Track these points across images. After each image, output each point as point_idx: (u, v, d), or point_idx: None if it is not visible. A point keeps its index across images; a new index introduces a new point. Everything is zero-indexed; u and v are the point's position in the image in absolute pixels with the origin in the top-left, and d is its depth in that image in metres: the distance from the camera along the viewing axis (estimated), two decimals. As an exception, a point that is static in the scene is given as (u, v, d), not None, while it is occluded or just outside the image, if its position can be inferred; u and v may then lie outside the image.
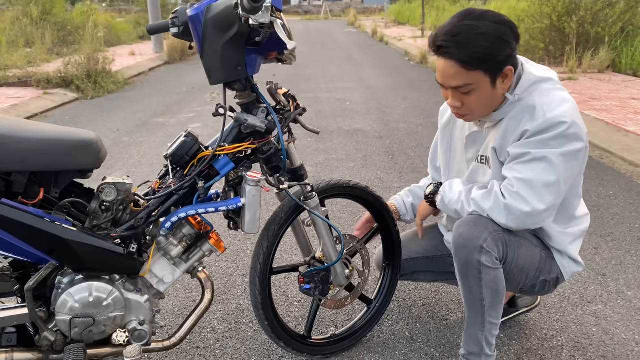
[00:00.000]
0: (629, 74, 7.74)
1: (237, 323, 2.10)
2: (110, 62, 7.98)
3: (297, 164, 1.67)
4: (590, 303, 2.22)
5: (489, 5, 14.92)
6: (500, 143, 1.56)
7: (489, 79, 1.46)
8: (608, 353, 1.91)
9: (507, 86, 1.51)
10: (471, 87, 1.47)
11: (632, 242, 2.78)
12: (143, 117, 5.91)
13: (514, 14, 10.74)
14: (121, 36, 14.11)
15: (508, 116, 1.54)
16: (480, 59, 1.42)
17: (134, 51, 11.68)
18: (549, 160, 1.46)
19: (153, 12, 11.65)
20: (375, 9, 33.66)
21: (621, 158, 4.13)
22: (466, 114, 1.57)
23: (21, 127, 1.38)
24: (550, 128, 1.44)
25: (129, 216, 1.52)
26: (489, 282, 1.54)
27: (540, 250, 1.64)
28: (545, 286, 1.70)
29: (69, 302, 1.41)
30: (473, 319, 1.62)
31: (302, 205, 1.67)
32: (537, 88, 1.52)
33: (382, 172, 3.95)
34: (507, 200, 1.50)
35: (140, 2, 19.18)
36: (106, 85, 7.52)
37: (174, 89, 7.87)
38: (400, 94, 7.19)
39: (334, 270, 1.78)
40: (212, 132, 5.07)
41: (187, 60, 11.59)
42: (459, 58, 1.43)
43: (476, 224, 1.53)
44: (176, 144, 1.53)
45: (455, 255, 1.57)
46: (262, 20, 1.29)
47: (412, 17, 22.81)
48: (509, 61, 1.46)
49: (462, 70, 1.44)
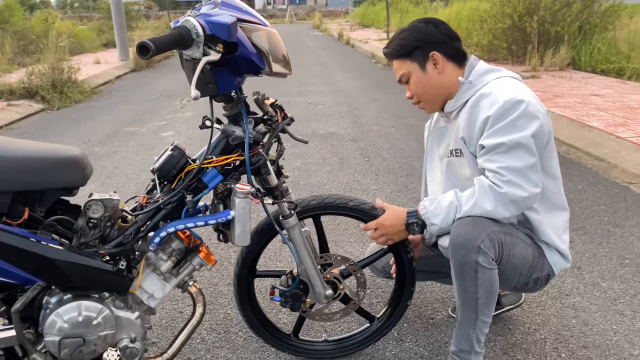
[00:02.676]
0: (588, 70, 8.00)
1: (227, 332, 2.09)
2: (76, 71, 7.82)
3: (272, 183, 1.62)
4: (568, 296, 2.30)
5: (450, 7, 15.20)
6: (468, 132, 1.65)
7: (417, 64, 1.70)
8: (589, 343, 1.98)
9: (440, 71, 1.69)
10: (407, 74, 1.73)
11: (602, 234, 2.88)
12: (113, 126, 5.82)
13: (476, 15, 11.00)
14: (84, 44, 13.83)
15: (468, 105, 1.66)
16: (402, 48, 1.71)
17: (99, 59, 11.48)
18: (523, 145, 1.54)
19: (117, 19, 11.46)
20: (339, 12, 33.86)
21: (587, 153, 4.27)
22: (419, 102, 1.77)
23: (2, 145, 1.35)
24: (510, 109, 1.54)
25: (117, 232, 1.51)
26: (485, 281, 1.57)
27: (532, 249, 1.69)
28: (538, 283, 1.74)
29: (58, 322, 1.39)
30: (466, 317, 1.65)
31: (274, 224, 1.65)
32: (491, 76, 1.66)
33: (358, 174, 3.98)
34: (504, 190, 1.54)
35: (102, 9, 18.78)
36: (72, 95, 7.37)
37: (143, 96, 7.77)
38: (370, 96, 7.26)
39: (311, 289, 1.75)
40: (185, 140, 5.03)
41: (154, 67, 11.46)
42: (393, 54, 1.75)
43: (475, 225, 1.56)
44: (163, 158, 1.52)
45: (452, 255, 1.59)
46: (192, 55, 1.30)
47: (377, 19, 23.01)
48: (430, 47, 1.68)
49: (397, 63, 1.74)
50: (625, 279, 2.42)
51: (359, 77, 9.15)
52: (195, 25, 1.27)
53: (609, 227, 2.97)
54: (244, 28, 1.41)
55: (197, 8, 1.45)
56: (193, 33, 1.27)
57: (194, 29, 1.27)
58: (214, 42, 1.31)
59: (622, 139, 4.29)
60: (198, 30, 1.27)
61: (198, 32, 1.27)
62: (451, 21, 13.49)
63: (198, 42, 1.28)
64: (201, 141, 4.94)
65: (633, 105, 5.51)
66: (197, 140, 4.96)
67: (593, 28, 8.44)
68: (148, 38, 1.20)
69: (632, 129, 4.58)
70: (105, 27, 17.18)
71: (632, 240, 2.80)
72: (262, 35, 1.45)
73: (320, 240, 1.85)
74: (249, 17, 1.46)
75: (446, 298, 2.30)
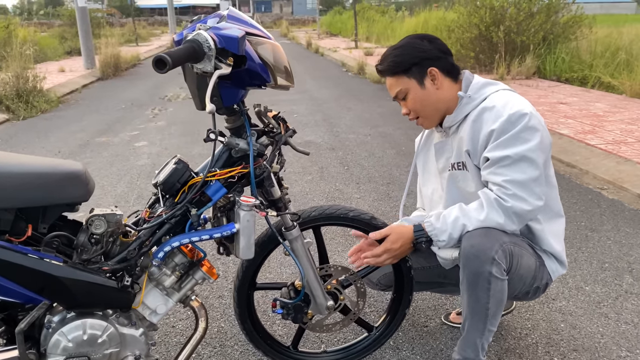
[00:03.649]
0: (553, 79, 8.27)
1: (222, 346, 2.07)
2: (42, 80, 7.62)
3: (276, 195, 1.63)
4: (554, 300, 2.36)
5: (417, 17, 15.49)
6: (472, 145, 1.67)
7: (415, 81, 1.70)
8: (578, 346, 2.03)
9: (439, 87, 1.69)
10: (404, 91, 1.72)
11: (581, 239, 2.97)
12: (84, 136, 5.68)
13: (443, 25, 11.23)
14: (47, 52, 13.49)
15: (470, 119, 1.68)
16: (398, 65, 1.70)
17: (64, 67, 11.23)
18: (528, 158, 1.57)
19: (83, 26, 11.23)
20: (306, 20, 34.03)
21: (559, 160, 4.41)
22: (418, 117, 1.77)
23: (4, 161, 1.31)
24: (514, 122, 1.57)
25: (119, 248, 1.47)
26: (496, 292, 1.59)
27: (535, 259, 1.73)
28: (537, 292, 1.78)
29: (62, 341, 1.35)
30: (475, 326, 1.66)
31: (277, 236, 1.64)
32: (489, 90, 1.69)
33: (340, 183, 4.00)
34: (510, 203, 1.57)
35: (64, 15, 18.37)
36: (39, 104, 7.19)
37: (112, 106, 7.62)
38: (344, 105, 7.31)
39: (313, 300, 1.76)
40: (161, 150, 4.96)
41: (121, 75, 11.27)
42: (387, 71, 1.74)
43: (487, 236, 1.58)
44: (167, 172, 1.50)
45: (464, 266, 1.60)
46: (204, 69, 1.29)
47: (344, 28, 23.24)
48: (427, 63, 1.68)
49: (392, 80, 1.73)
50: (606, 283, 2.50)
51: (331, 85, 9.21)
52: (207, 38, 1.26)
53: (586, 232, 3.07)
54: (251, 41, 1.41)
55: (202, 20, 1.44)
56: (205, 46, 1.26)
57: (205, 42, 1.26)
58: (224, 56, 1.30)
59: (592, 146, 4.44)
60: (210, 44, 1.26)
61: (210, 46, 1.26)
62: (418, 30, 13.75)
63: (210, 55, 1.27)
64: (176, 151, 4.88)
65: (599, 113, 5.72)
66: (172, 151, 4.90)
67: (556, 38, 8.74)
68: (163, 52, 1.19)
69: (600, 136, 4.75)
70: (67, 34, 16.83)
71: (609, 244, 2.90)
72: (267, 48, 1.46)
73: (320, 251, 1.85)
74: (254, 30, 1.46)
75: (437, 306, 2.33)
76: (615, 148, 4.35)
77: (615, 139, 4.62)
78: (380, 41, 17.49)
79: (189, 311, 2.30)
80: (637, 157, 4.08)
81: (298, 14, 37.72)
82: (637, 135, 4.75)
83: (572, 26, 8.83)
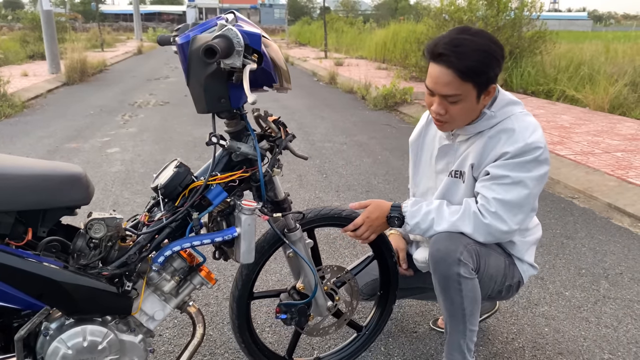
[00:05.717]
0: (519, 92, 8.52)
1: (212, 354, 2.03)
2: (5, 84, 7.38)
3: (280, 197, 1.64)
4: (537, 305, 2.42)
5: (386, 29, 15.73)
6: (479, 160, 1.67)
7: (476, 93, 1.56)
8: (563, 350, 2.09)
9: (486, 102, 1.64)
10: (459, 97, 1.56)
11: (558, 246, 3.06)
12: (52, 142, 5.52)
13: (413, 37, 11.43)
14: (8, 56, 13.08)
15: (487, 135, 1.66)
16: (475, 71, 1.52)
17: (27, 71, 10.88)
18: (525, 184, 1.60)
19: (48, 31, 10.94)
20: (274, 30, 34.08)
21: (530, 170, 4.53)
22: (446, 122, 1.65)
23: (4, 163, 1.27)
24: (528, 152, 1.59)
25: (118, 253, 1.44)
26: (469, 291, 1.63)
27: (504, 258, 1.78)
28: (510, 290, 1.83)
29: (62, 349, 1.31)
30: (455, 328, 1.70)
31: (282, 238, 1.65)
32: (512, 110, 1.66)
33: (319, 191, 4.01)
34: (487, 220, 1.61)
35: (26, 19, 17.85)
36: (2, 109, 6.94)
37: (80, 111, 7.43)
38: (317, 114, 7.34)
39: (314, 302, 1.76)
40: (134, 157, 4.86)
41: (87, 81, 11.01)
42: (457, 67, 1.51)
43: (451, 239, 1.63)
44: (168, 176, 1.47)
45: (434, 270, 1.65)
46: (233, 64, 1.28)
47: (313, 38, 23.39)
48: (494, 80, 1.59)
49: (456, 80, 1.53)
50: (584, 288, 2.58)
51: (303, 95, 9.23)
52: (237, 33, 1.25)
53: (562, 239, 3.16)
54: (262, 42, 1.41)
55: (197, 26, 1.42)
56: (235, 42, 1.25)
57: (235, 37, 1.25)
58: (248, 52, 1.30)
59: (562, 156, 4.59)
60: (240, 39, 1.25)
61: (240, 41, 1.25)
62: (387, 42, 13.97)
63: (239, 51, 1.26)
64: (150, 158, 4.80)
65: (565, 125, 5.92)
66: (145, 157, 4.81)
67: (522, 52, 9.01)
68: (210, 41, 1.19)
69: (568, 147, 4.91)
70: (29, 37, 16.35)
71: (584, 251, 3.00)
72: (274, 49, 1.46)
73: (314, 253, 1.84)
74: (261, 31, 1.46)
75: (425, 312, 2.35)
76: (584, 159, 4.50)
77: (583, 150, 4.79)
78: (349, 52, 17.66)
79: (175, 319, 2.25)
80: (604, 168, 4.24)
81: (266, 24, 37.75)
82: (603, 146, 4.94)
83: (537, 41, 9.14)
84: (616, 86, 7.06)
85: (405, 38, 12.40)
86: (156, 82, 11.33)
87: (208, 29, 1.41)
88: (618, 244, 3.11)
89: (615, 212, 3.60)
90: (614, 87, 7.05)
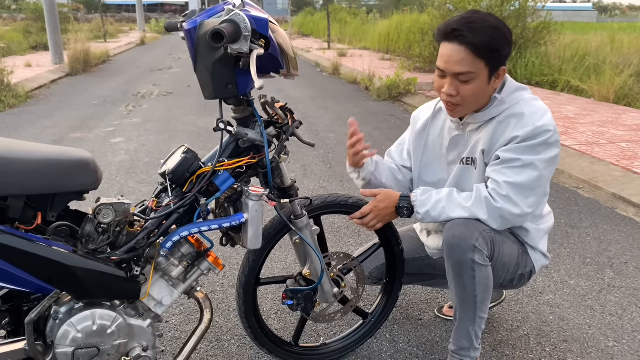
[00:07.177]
0: (524, 83, 8.47)
1: (219, 340, 2.05)
2: (9, 74, 7.39)
3: (287, 183, 1.65)
4: (542, 294, 2.42)
5: (389, 19, 15.65)
6: (489, 145, 1.67)
7: (488, 72, 1.57)
8: (568, 337, 2.10)
9: (497, 86, 1.64)
10: (472, 75, 1.56)
11: (562, 236, 3.06)
12: (57, 132, 5.53)
13: (417, 27, 11.38)
14: (12, 46, 13.07)
15: (496, 120, 1.66)
16: (489, 48, 1.52)
17: (30, 62, 10.89)
18: (535, 167, 1.60)
19: (51, 21, 10.93)
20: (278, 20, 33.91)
21: (535, 160, 4.52)
22: (458, 104, 1.64)
23: (14, 147, 1.27)
24: (538, 135, 1.59)
25: (126, 238, 1.45)
26: (482, 279, 1.64)
27: (517, 247, 1.78)
28: (522, 279, 1.84)
29: (71, 332, 1.32)
30: (465, 315, 1.71)
31: (289, 224, 1.65)
32: (521, 96, 1.66)
33: (324, 181, 4.02)
34: (499, 204, 1.61)
35: (28, 9, 17.83)
36: (6, 99, 6.96)
37: (84, 102, 7.44)
38: (321, 104, 7.33)
39: (320, 288, 1.76)
40: (138, 146, 4.87)
41: (90, 71, 11.01)
42: (471, 42, 1.52)
43: (467, 225, 1.63)
44: (176, 161, 1.48)
45: (448, 256, 1.65)
46: (240, 49, 1.28)
47: (316, 29, 23.31)
48: (505, 61, 1.60)
49: (470, 57, 1.53)
50: (589, 277, 2.58)
51: (306, 85, 9.22)
52: (244, 18, 1.25)
53: (566, 229, 3.16)
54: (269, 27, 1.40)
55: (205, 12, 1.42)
56: (242, 27, 1.25)
57: (243, 22, 1.25)
58: (255, 37, 1.29)
59: (567, 147, 4.58)
60: (247, 24, 1.25)
61: (247, 26, 1.25)
62: (391, 33, 13.91)
63: (247, 36, 1.26)
64: (154, 148, 4.81)
65: (570, 115, 5.90)
66: (150, 147, 4.82)
67: (527, 43, 8.96)
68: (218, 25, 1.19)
69: (573, 137, 4.90)
70: (32, 28, 16.32)
71: (589, 240, 3.00)
72: (281, 35, 1.46)
73: (321, 240, 1.85)
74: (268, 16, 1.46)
75: (430, 299, 2.36)
76: (589, 149, 4.49)
77: (588, 141, 4.77)
78: (352, 43, 17.59)
79: (182, 306, 2.27)
80: (609, 158, 4.23)
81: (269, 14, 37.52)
82: (608, 137, 4.92)
83: (542, 31, 9.08)
84: (622, 77, 7.03)
85: (409, 29, 12.34)
86: (159, 72, 11.32)
87: (215, 14, 1.40)
88: (623, 233, 3.11)
89: (620, 202, 3.60)
90: (620, 77, 7.01)
